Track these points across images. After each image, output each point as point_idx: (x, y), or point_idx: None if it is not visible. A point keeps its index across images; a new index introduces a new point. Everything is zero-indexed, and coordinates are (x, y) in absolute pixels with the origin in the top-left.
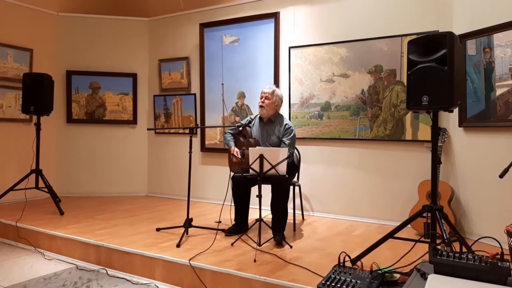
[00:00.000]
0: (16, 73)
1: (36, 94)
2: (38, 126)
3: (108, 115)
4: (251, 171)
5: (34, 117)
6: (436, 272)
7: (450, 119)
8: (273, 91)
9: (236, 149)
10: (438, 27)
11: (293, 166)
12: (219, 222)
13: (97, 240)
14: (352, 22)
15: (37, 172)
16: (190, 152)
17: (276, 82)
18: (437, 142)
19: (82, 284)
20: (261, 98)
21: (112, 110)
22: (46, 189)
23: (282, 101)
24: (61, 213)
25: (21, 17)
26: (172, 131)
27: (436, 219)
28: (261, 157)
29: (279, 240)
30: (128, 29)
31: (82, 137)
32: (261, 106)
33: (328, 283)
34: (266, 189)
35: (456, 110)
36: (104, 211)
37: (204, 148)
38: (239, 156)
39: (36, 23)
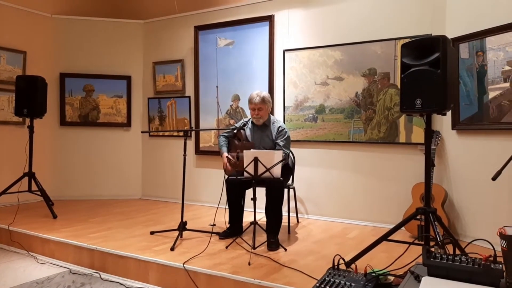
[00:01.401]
0: (9, 75)
1: (29, 96)
2: (31, 129)
3: (102, 117)
4: (245, 174)
5: (27, 120)
6: (429, 275)
7: (443, 122)
8: (263, 99)
9: (227, 155)
10: (431, 31)
11: (288, 169)
12: (214, 225)
13: (91, 244)
14: (347, 26)
15: (30, 175)
16: (185, 155)
17: (271, 85)
18: (430, 145)
19: None
20: (254, 110)
21: (106, 112)
22: (39, 192)
23: (271, 102)
24: (54, 216)
25: (14, 19)
26: (166, 134)
27: (430, 222)
28: (256, 160)
29: (274, 243)
30: (123, 31)
31: (75, 140)
32: (256, 118)
33: (322, 286)
34: (261, 192)
35: (449, 113)
36: (97, 215)
37: (198, 151)
38: (232, 161)
39: (30, 25)
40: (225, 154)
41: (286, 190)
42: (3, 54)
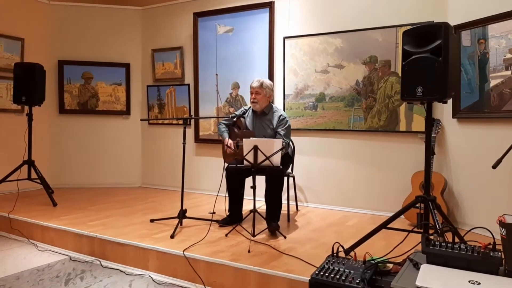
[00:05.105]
0: (7, 62)
1: (27, 84)
2: (30, 116)
3: (101, 105)
4: (245, 162)
5: (26, 108)
6: (428, 262)
7: (444, 110)
8: (262, 84)
9: (230, 140)
10: (433, 18)
11: (288, 157)
12: (213, 213)
13: (91, 231)
14: (347, 13)
15: (30, 163)
16: (184, 143)
17: (271, 73)
18: (431, 133)
19: (75, 275)
20: (252, 94)
21: (105, 100)
22: (38, 180)
23: (273, 91)
24: (54, 204)
25: (12, 6)
26: (165, 122)
27: (429, 210)
28: (255, 148)
29: (273, 229)
30: (121, 18)
31: (74, 128)
32: (253, 102)
33: (321, 273)
34: (261, 180)
35: (450, 101)
36: (97, 202)
37: (198, 139)
38: (233, 148)
39: (28, 12)
40: (227, 139)
41: (285, 179)
42: (0, 41)
